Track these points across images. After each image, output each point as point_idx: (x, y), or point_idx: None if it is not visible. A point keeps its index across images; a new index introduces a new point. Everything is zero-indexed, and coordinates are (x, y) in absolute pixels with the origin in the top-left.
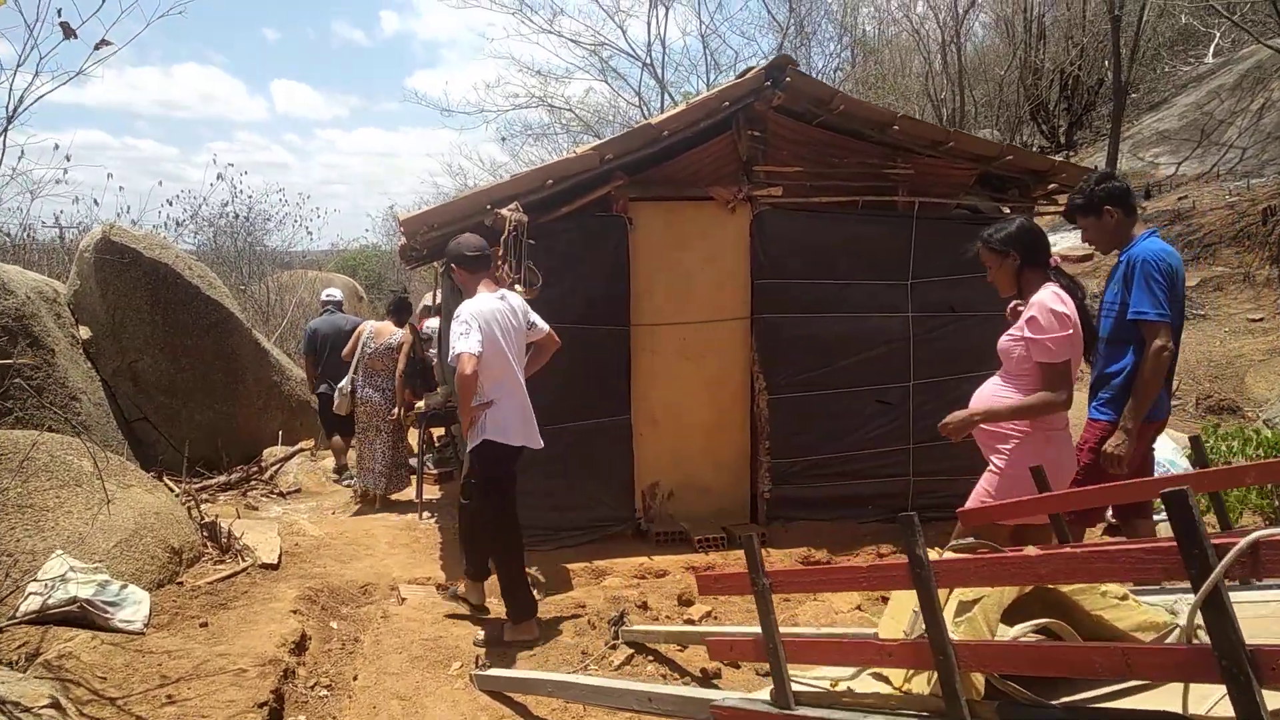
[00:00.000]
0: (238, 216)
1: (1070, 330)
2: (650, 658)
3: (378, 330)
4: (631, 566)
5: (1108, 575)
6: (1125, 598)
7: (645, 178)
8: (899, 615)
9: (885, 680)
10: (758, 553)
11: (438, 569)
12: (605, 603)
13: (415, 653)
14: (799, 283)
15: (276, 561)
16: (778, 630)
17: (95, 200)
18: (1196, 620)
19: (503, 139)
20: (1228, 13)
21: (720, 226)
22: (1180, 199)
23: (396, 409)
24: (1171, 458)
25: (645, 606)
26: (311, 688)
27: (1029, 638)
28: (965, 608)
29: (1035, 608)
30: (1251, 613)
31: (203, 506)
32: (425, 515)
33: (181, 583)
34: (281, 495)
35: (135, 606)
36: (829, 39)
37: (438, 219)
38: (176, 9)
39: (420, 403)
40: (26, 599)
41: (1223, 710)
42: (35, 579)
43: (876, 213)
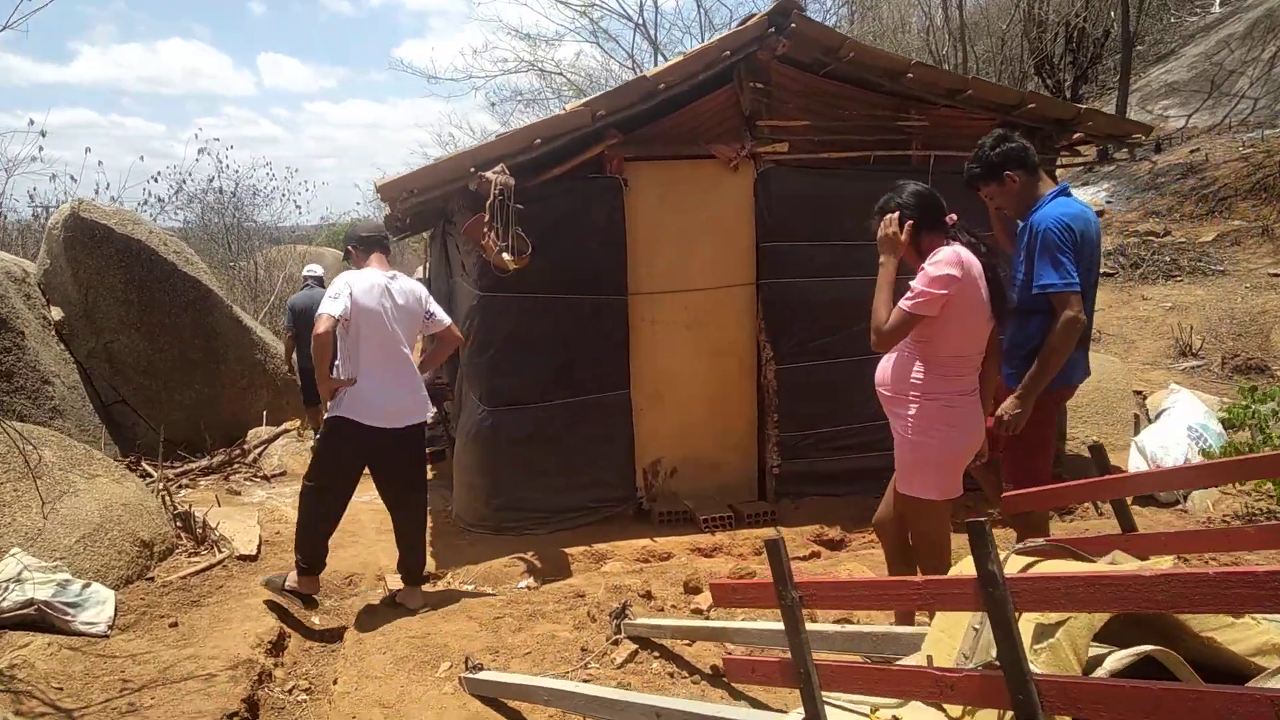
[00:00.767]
0: (223, 192)
1: (945, 292)
2: (655, 654)
3: None
4: (634, 549)
5: (1254, 604)
6: (1240, 614)
7: (641, 135)
8: (952, 630)
9: (941, 710)
10: (785, 560)
11: (427, 556)
12: (606, 592)
13: (400, 652)
14: (807, 245)
15: (255, 552)
16: (810, 655)
17: (73, 177)
18: None
19: (492, 104)
20: None
21: (722, 186)
22: (1192, 152)
23: None
24: (1204, 421)
25: (649, 595)
26: (289, 691)
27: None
28: (1046, 631)
29: (1126, 626)
30: None
31: (182, 493)
32: None
33: (152, 578)
34: (265, 479)
35: (98, 607)
36: None
37: (417, 184)
38: None
39: None
40: None
41: None
42: None
43: (889, 168)
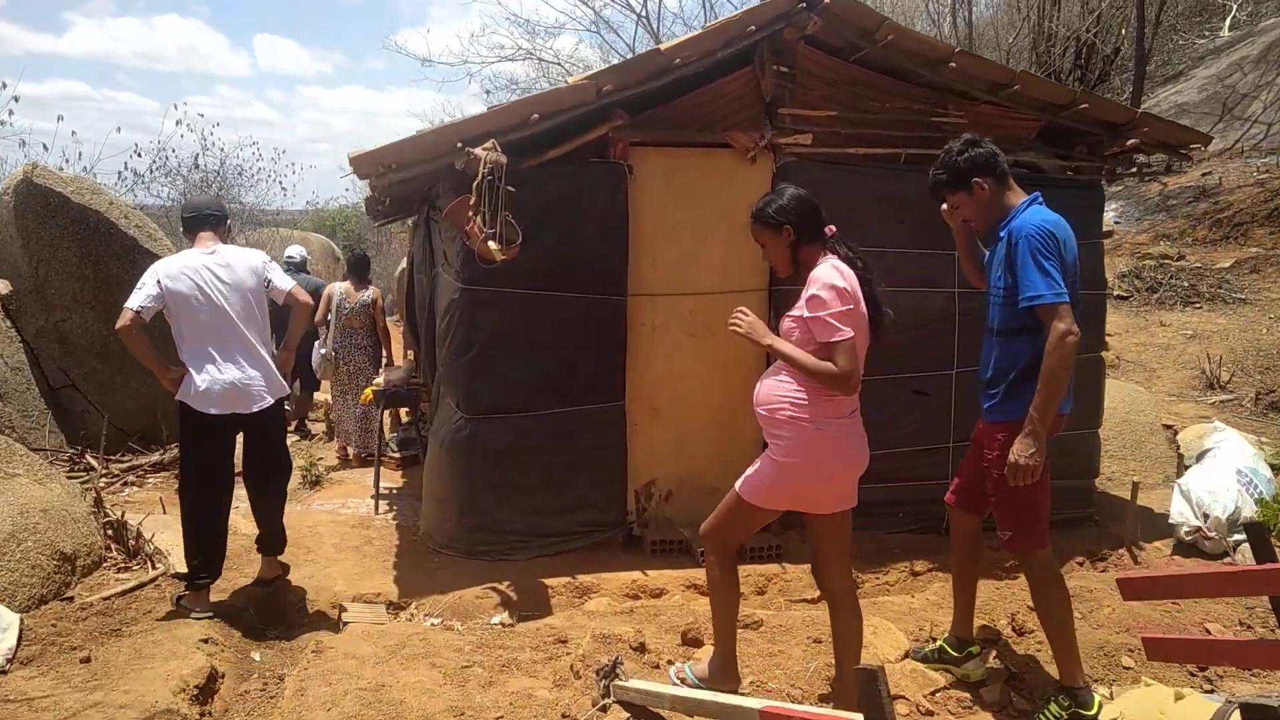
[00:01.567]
0: (207, 169)
1: (851, 305)
2: None
3: (347, 289)
4: (622, 583)
5: None
6: None
7: (650, 118)
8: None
9: None
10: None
11: (390, 581)
12: (592, 641)
13: (348, 710)
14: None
15: None
16: None
17: (45, 145)
18: None
19: (487, 93)
20: None
21: (737, 179)
22: (1204, 175)
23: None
24: (1253, 465)
25: (642, 649)
26: None
27: None
28: None
29: None
30: None
31: (126, 491)
32: (382, 508)
33: (70, 598)
34: None
35: None
36: None
37: (397, 157)
38: None
39: (379, 378)
40: None
41: None
42: None
43: (921, 168)
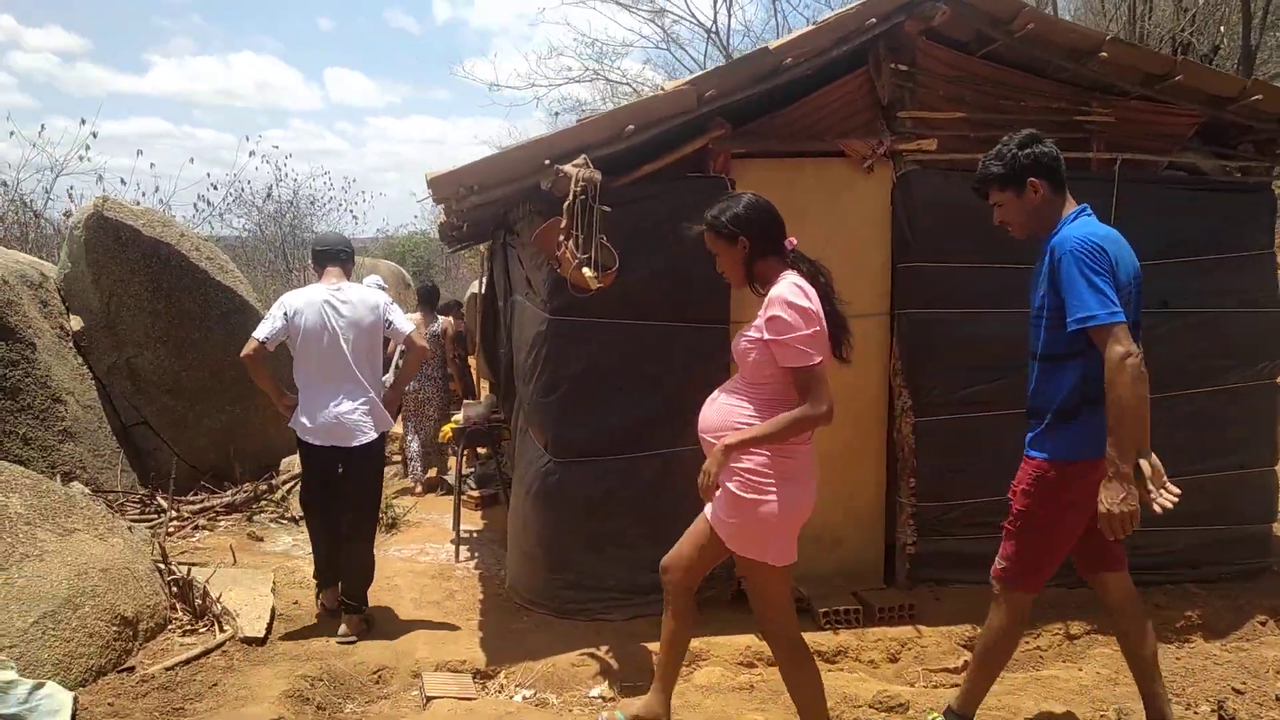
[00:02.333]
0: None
1: (817, 327)
2: None
3: (418, 320)
4: (735, 649)
5: None
6: None
7: (753, 128)
8: None
9: None
10: None
11: (476, 644)
12: None
13: None
14: (957, 268)
15: (264, 633)
16: None
17: (122, 179)
18: None
19: (555, 115)
20: None
21: (851, 192)
22: None
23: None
24: None
25: None
26: None
27: None
28: None
29: None
30: None
31: (197, 536)
32: (463, 554)
33: (130, 668)
34: (294, 520)
35: (48, 718)
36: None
37: (477, 178)
38: None
39: (458, 415)
40: None
41: None
42: None
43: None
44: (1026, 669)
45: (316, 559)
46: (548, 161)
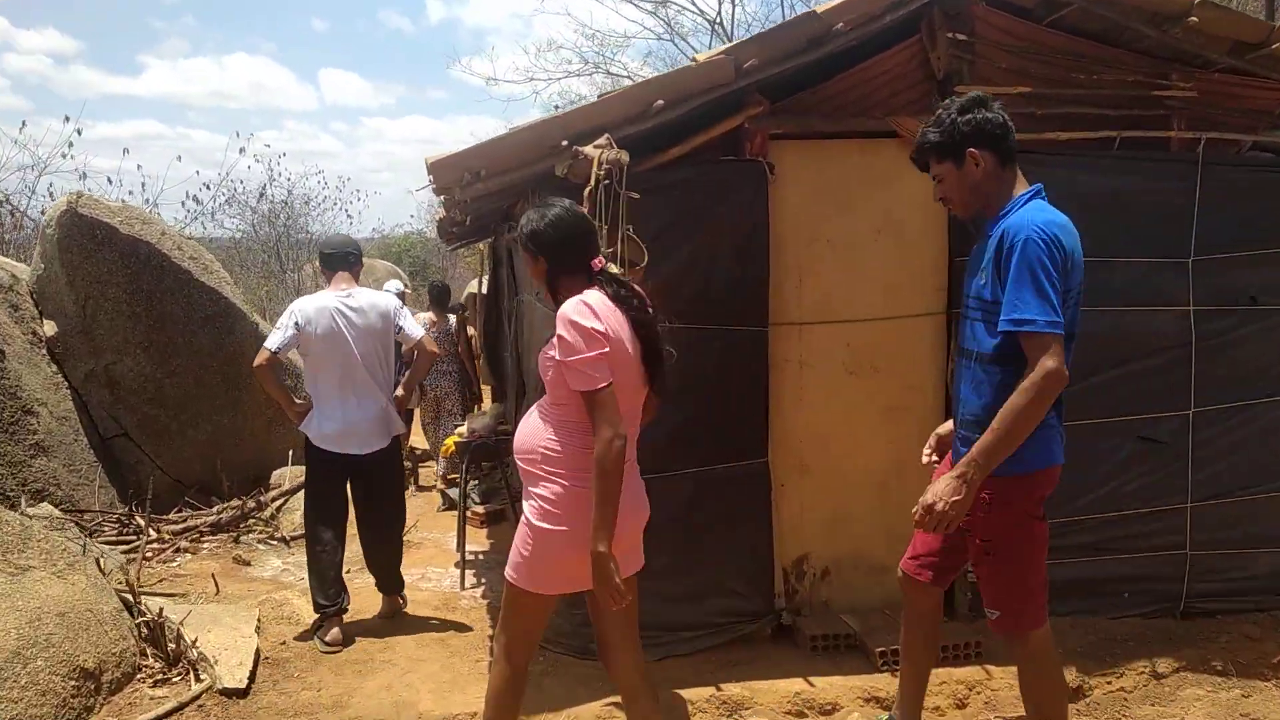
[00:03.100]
0: (271, 199)
1: (605, 349)
2: None
3: (430, 319)
4: (781, 696)
5: None
6: None
7: (793, 104)
8: None
9: None
10: None
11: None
12: None
13: None
14: None
15: (245, 683)
16: None
17: (109, 179)
18: None
19: (556, 108)
20: None
21: (904, 177)
22: None
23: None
24: None
25: None
26: None
27: None
28: None
29: None
30: None
31: (178, 560)
32: (469, 580)
33: None
34: (284, 541)
35: None
36: None
37: (483, 162)
38: None
39: (462, 426)
40: None
41: None
42: None
43: (1140, 155)
44: (1111, 712)
45: (320, 585)
46: (565, 143)
